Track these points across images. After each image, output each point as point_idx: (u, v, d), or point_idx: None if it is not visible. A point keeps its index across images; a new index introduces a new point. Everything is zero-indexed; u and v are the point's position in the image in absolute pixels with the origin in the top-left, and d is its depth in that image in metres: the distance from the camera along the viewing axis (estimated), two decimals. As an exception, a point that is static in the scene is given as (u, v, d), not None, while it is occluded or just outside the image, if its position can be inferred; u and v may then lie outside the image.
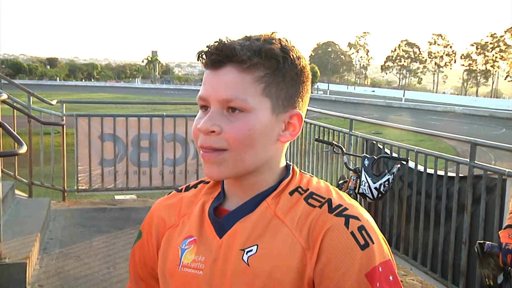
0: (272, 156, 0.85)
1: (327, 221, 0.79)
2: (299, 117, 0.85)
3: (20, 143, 3.69)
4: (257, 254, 0.81)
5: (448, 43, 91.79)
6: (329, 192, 0.85)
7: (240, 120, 0.80)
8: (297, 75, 0.84)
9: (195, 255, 0.86)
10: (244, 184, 0.86)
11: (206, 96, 0.82)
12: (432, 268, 3.69)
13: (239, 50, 0.79)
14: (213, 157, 0.81)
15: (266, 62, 0.80)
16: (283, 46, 0.82)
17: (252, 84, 0.80)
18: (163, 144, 5.90)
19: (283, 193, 0.85)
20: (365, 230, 0.78)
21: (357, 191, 3.87)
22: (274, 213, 0.83)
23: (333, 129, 4.99)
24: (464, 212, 3.38)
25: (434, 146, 12.72)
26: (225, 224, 0.85)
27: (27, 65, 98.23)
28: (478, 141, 3.42)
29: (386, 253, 0.80)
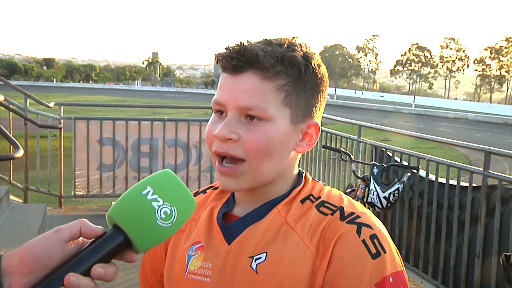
0: (288, 167, 0.85)
1: (338, 228, 0.78)
2: (316, 127, 0.85)
3: (16, 147, 3.60)
4: (266, 261, 0.79)
5: (460, 47, 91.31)
6: (341, 201, 0.84)
7: (259, 129, 0.78)
8: (317, 84, 0.83)
9: (202, 261, 0.85)
10: (256, 193, 0.85)
11: (224, 102, 0.80)
12: (444, 282, 3.61)
13: (262, 57, 0.77)
14: (232, 171, 0.80)
15: (289, 70, 0.79)
16: (305, 53, 0.81)
17: (273, 92, 0.79)
18: (164, 149, 5.80)
19: (294, 201, 0.84)
20: (377, 239, 0.77)
21: (365, 200, 3.78)
22: (284, 220, 0.82)
23: (341, 136, 4.95)
24: (477, 224, 3.32)
25: (445, 154, 12.63)
26: (234, 231, 0.84)
27: (22, 65, 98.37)
28: (493, 150, 3.37)
29: (398, 264, 0.78)
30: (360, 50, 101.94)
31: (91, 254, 0.63)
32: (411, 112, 39.61)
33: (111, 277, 0.63)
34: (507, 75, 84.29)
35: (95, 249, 0.63)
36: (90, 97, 44.51)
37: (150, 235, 0.64)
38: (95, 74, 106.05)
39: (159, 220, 0.64)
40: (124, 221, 0.64)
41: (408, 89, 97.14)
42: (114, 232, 0.64)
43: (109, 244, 0.64)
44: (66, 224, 0.65)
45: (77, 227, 0.64)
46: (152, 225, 0.64)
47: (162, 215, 0.64)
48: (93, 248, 0.63)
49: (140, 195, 0.65)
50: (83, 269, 0.61)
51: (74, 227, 0.64)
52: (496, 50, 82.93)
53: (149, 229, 0.64)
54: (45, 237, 0.63)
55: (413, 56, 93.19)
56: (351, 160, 4.05)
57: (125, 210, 0.64)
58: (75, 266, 0.61)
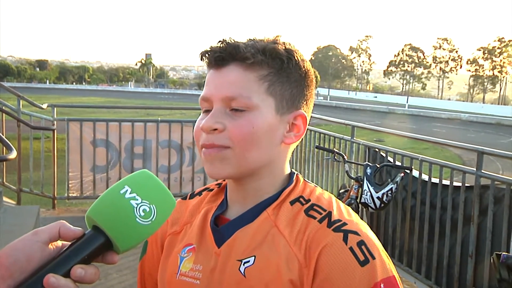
0: (275, 159, 0.84)
1: (324, 237, 0.77)
2: (303, 118, 0.84)
3: (9, 148, 3.58)
4: (254, 265, 0.79)
5: (453, 48, 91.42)
6: (330, 205, 0.82)
7: (243, 117, 0.79)
8: (302, 77, 0.83)
9: (193, 263, 0.85)
10: (245, 190, 0.85)
11: (209, 95, 0.81)
12: (437, 282, 3.62)
13: (243, 48, 0.79)
14: (214, 152, 0.80)
15: (270, 61, 0.80)
16: (287, 48, 0.82)
17: (256, 82, 0.80)
18: (157, 150, 5.79)
19: (284, 203, 0.83)
20: (365, 246, 0.75)
21: (358, 200, 3.78)
22: (274, 224, 0.81)
23: (334, 136, 4.95)
24: (470, 224, 3.33)
25: (439, 155, 12.67)
26: (224, 234, 0.84)
27: (15, 67, 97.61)
28: (486, 150, 3.37)
29: (389, 268, 0.76)
30: (353, 51, 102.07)
31: (71, 256, 0.61)
32: (404, 113, 39.67)
33: (92, 278, 0.62)
34: (500, 76, 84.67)
35: (75, 251, 0.62)
36: (83, 99, 44.26)
37: (130, 234, 0.64)
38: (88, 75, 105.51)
39: (138, 218, 0.64)
40: (103, 221, 0.63)
41: (402, 90, 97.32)
42: (93, 233, 0.64)
43: (89, 246, 0.63)
44: (44, 226, 0.64)
45: (56, 229, 0.63)
46: (132, 223, 0.63)
47: (141, 213, 0.64)
48: (73, 250, 0.62)
49: (118, 194, 0.65)
50: (63, 271, 0.60)
51: (52, 228, 0.63)
52: (489, 50, 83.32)
53: (129, 227, 0.63)
54: (24, 240, 0.62)
55: (406, 57, 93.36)
56: (345, 160, 4.05)
57: (103, 210, 0.64)
58: (55, 268, 0.60)
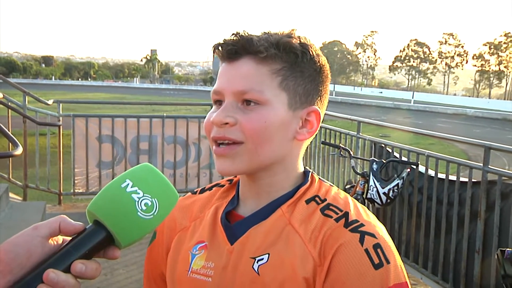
0: (288, 155, 0.83)
1: (341, 236, 0.76)
2: (317, 114, 0.83)
3: (15, 144, 3.59)
4: (268, 263, 0.78)
5: (459, 43, 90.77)
6: (347, 205, 0.81)
7: (256, 112, 0.78)
8: (316, 72, 0.82)
9: (205, 261, 0.84)
10: (259, 186, 0.84)
11: (221, 89, 0.80)
12: (444, 278, 3.60)
13: (256, 41, 0.78)
14: (227, 150, 0.79)
15: (284, 55, 0.79)
16: (302, 42, 0.81)
17: (269, 76, 0.78)
18: (163, 146, 5.78)
19: (299, 201, 0.82)
20: (381, 249, 0.74)
21: (365, 196, 3.78)
22: (288, 222, 0.80)
23: (340, 132, 4.93)
24: (477, 219, 3.32)
25: (445, 150, 12.58)
26: (237, 231, 0.83)
27: (21, 63, 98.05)
28: (493, 145, 3.36)
29: (402, 275, 0.75)
30: (358, 46, 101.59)
31: (71, 251, 0.60)
32: (410, 108, 39.48)
33: (93, 274, 0.61)
34: (506, 71, 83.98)
35: (75, 246, 0.61)
36: (89, 95, 44.42)
37: (132, 228, 0.63)
38: (94, 71, 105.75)
39: (140, 212, 0.62)
40: (104, 215, 0.62)
41: (407, 85, 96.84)
42: (95, 228, 0.62)
43: (90, 240, 0.62)
44: (44, 221, 0.63)
45: (56, 224, 0.62)
46: (133, 217, 0.62)
47: (143, 207, 0.63)
48: (73, 245, 0.61)
49: (120, 188, 0.63)
50: (63, 266, 0.59)
51: (53, 223, 0.62)
52: (495, 45, 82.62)
53: (131, 222, 0.62)
54: (24, 235, 0.61)
55: (412, 52, 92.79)
56: (350, 156, 4.04)
57: (104, 204, 0.63)
58: (55, 264, 0.59)
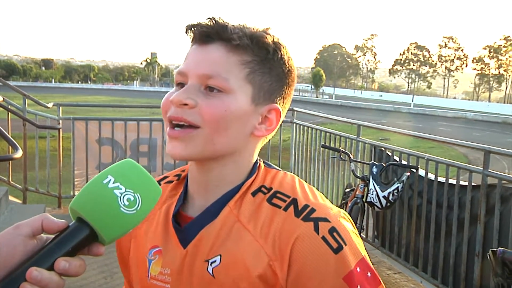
0: (242, 149, 0.81)
1: (295, 228, 0.74)
2: (277, 112, 0.82)
3: (15, 147, 3.59)
4: (221, 264, 0.76)
5: (459, 46, 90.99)
6: (294, 189, 0.80)
7: (218, 98, 0.76)
8: (284, 73, 0.81)
9: (161, 267, 0.82)
10: (208, 180, 0.81)
11: (186, 70, 0.78)
12: (444, 281, 3.60)
13: (231, 29, 0.77)
14: (182, 133, 0.77)
15: (256, 48, 0.78)
16: (275, 40, 0.80)
17: (237, 66, 0.77)
18: (163, 148, 5.79)
19: (246, 195, 0.80)
20: (336, 232, 0.74)
21: (364, 199, 3.77)
22: (237, 219, 0.78)
23: (340, 135, 4.92)
24: (477, 223, 3.31)
25: (444, 154, 12.62)
26: (188, 233, 0.81)
27: (21, 66, 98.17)
28: (492, 149, 3.35)
29: (360, 250, 0.76)
30: (358, 49, 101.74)
31: (54, 249, 0.60)
32: (410, 112, 39.56)
33: (77, 271, 0.60)
34: (506, 74, 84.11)
35: (59, 244, 0.60)
36: (89, 98, 44.40)
37: (115, 224, 0.62)
38: (94, 74, 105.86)
39: (122, 207, 0.62)
40: (87, 212, 0.62)
41: (407, 89, 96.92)
42: (78, 225, 0.62)
43: (73, 238, 0.61)
44: (27, 219, 0.62)
45: (39, 222, 0.62)
46: (116, 213, 0.62)
47: (126, 202, 0.62)
48: (56, 243, 0.60)
49: (101, 184, 0.63)
50: (47, 264, 0.59)
51: (35, 221, 0.62)
52: (495, 49, 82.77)
53: (113, 217, 0.62)
54: (5, 234, 0.61)
55: (411, 56, 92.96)
56: (350, 159, 4.04)
57: (87, 201, 0.62)
58: (38, 262, 0.59)
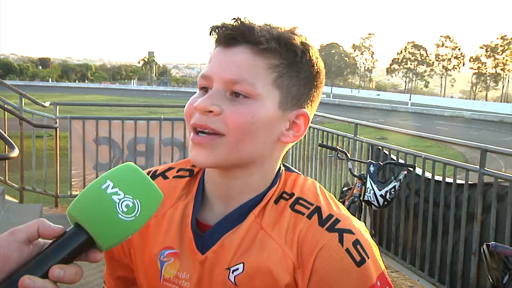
0: (268, 156, 0.79)
1: (319, 238, 0.74)
2: (306, 117, 0.79)
3: (11, 147, 3.58)
4: (244, 272, 0.75)
5: (456, 45, 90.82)
6: (316, 196, 0.79)
7: (244, 105, 0.73)
8: (312, 75, 0.78)
9: (178, 271, 0.80)
10: (230, 186, 0.79)
11: (211, 74, 0.75)
12: (440, 280, 3.60)
13: (258, 31, 0.73)
14: (206, 140, 0.73)
15: (284, 51, 0.74)
16: (303, 42, 0.76)
17: (265, 70, 0.74)
18: (160, 148, 5.78)
19: (268, 203, 0.78)
20: (360, 245, 0.74)
21: (362, 198, 3.78)
22: (260, 227, 0.77)
23: (337, 134, 4.92)
24: (473, 221, 3.32)
25: (442, 152, 12.65)
26: (208, 239, 0.78)
27: (17, 65, 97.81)
28: (489, 147, 3.36)
29: (380, 264, 0.76)
30: (356, 48, 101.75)
31: (50, 255, 0.58)
32: (407, 111, 39.63)
33: (72, 278, 0.58)
34: (503, 73, 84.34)
35: (54, 250, 0.59)
36: (86, 97, 44.27)
37: (112, 230, 0.61)
38: (91, 73, 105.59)
39: (120, 214, 0.60)
40: (84, 218, 0.60)
41: (404, 88, 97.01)
42: (75, 230, 0.60)
43: (70, 244, 0.60)
44: (22, 225, 0.61)
45: (35, 227, 0.60)
46: (114, 219, 0.60)
47: (124, 209, 0.60)
48: (52, 249, 0.59)
49: (100, 190, 0.61)
50: (41, 272, 0.57)
51: (31, 227, 0.60)
52: (492, 48, 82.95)
53: (111, 224, 0.60)
54: (0, 240, 0.59)
55: (409, 55, 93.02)
56: (348, 158, 4.04)
57: (84, 207, 0.61)
58: (32, 269, 0.57)
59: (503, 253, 2.06)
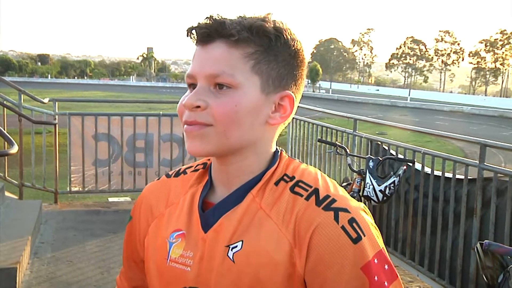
0: (259, 139, 0.82)
1: (315, 217, 0.76)
2: (290, 98, 0.81)
3: (10, 143, 3.58)
4: (242, 250, 0.78)
5: (455, 40, 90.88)
6: (316, 180, 0.81)
7: (227, 96, 0.77)
8: (291, 56, 0.80)
9: (183, 250, 0.83)
10: (228, 170, 0.83)
11: (194, 73, 0.79)
12: (440, 275, 3.60)
13: (229, 25, 0.77)
14: (195, 129, 0.78)
15: (257, 39, 0.77)
16: (276, 26, 0.79)
17: (241, 59, 0.77)
18: (159, 144, 5.78)
19: (268, 183, 0.81)
20: (356, 223, 0.76)
21: (361, 193, 3.77)
22: (259, 206, 0.80)
23: (336, 130, 4.92)
24: (473, 216, 3.32)
25: (441, 147, 12.67)
26: (209, 218, 0.82)
27: (16, 61, 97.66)
28: (488, 142, 3.35)
29: (378, 242, 0.77)
30: (355, 43, 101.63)
31: None
32: (406, 106, 39.65)
33: None
34: (502, 68, 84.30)
35: None
36: (85, 93, 44.25)
37: None
38: (90, 69, 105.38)
39: None
40: None
41: (404, 83, 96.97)
42: None
43: None
44: None
45: None
46: None
47: None
48: None
49: None
50: None
51: None
52: (491, 43, 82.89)
53: None
54: None
55: (408, 50, 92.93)
56: (347, 154, 4.04)
57: None
58: None
59: (498, 251, 2.04)
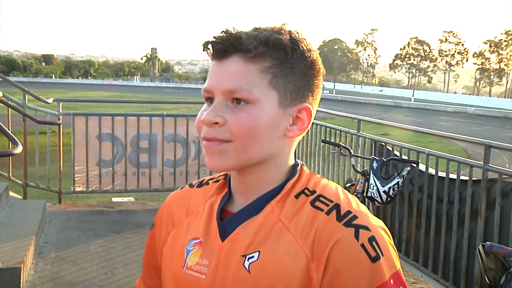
0: (278, 152, 0.82)
1: (335, 232, 0.76)
2: (308, 111, 0.82)
3: (15, 143, 3.58)
4: (259, 261, 0.78)
5: (459, 41, 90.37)
6: (337, 195, 0.81)
7: (245, 111, 0.77)
8: (307, 68, 0.80)
9: (200, 257, 0.83)
10: (248, 181, 0.83)
11: (211, 88, 0.79)
12: (444, 276, 3.59)
13: (245, 39, 0.76)
14: (214, 145, 0.78)
15: (273, 53, 0.77)
16: (292, 37, 0.79)
17: (258, 74, 0.77)
18: (163, 144, 5.79)
19: (289, 196, 0.81)
20: (375, 241, 0.76)
21: (365, 194, 3.76)
22: (278, 218, 0.79)
23: (340, 130, 4.92)
24: (477, 218, 3.30)
25: (445, 148, 12.60)
26: (227, 227, 0.83)
27: (21, 61, 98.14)
28: (493, 143, 3.34)
29: (396, 263, 0.77)
30: (359, 44, 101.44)
31: None
32: (410, 106, 39.52)
33: None
34: (507, 69, 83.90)
35: None
36: (89, 93, 44.36)
37: None
38: (94, 70, 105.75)
39: None
40: None
41: (407, 83, 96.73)
42: None
43: None
44: None
45: None
46: None
47: None
48: None
49: None
50: None
51: None
52: (496, 43, 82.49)
53: None
54: None
55: (412, 50, 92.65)
56: (351, 154, 4.03)
57: None
58: None
59: (500, 253, 2.04)
